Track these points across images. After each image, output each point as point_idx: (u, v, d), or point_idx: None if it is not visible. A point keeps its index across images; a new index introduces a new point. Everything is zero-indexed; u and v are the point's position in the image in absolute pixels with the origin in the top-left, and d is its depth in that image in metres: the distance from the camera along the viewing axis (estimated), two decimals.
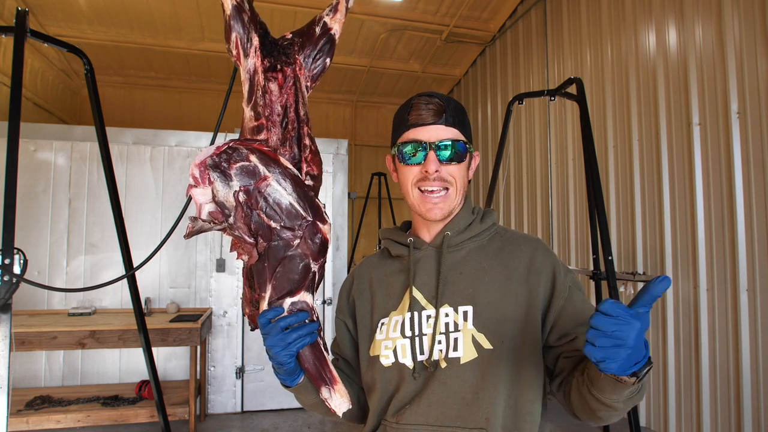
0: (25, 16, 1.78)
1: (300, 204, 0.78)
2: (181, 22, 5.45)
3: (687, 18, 3.22)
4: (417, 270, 0.92)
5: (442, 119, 0.88)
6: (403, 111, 0.93)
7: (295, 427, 3.79)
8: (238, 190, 0.75)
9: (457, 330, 0.85)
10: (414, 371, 0.85)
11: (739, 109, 2.88)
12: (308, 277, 0.79)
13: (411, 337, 0.87)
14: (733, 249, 2.90)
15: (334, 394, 0.80)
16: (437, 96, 0.90)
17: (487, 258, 0.92)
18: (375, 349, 0.91)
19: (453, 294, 0.88)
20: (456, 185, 0.89)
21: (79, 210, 3.98)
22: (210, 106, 7.43)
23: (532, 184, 5.14)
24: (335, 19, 0.96)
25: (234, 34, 0.87)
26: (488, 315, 0.85)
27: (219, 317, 4.06)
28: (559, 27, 4.66)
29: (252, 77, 0.87)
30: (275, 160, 0.78)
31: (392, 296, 0.93)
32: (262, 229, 0.76)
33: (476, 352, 0.83)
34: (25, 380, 3.79)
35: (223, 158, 0.75)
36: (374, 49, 6.12)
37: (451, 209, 0.91)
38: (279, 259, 0.77)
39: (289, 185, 0.78)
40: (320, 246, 0.79)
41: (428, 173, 0.87)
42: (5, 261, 1.56)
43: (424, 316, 0.87)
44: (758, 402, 2.75)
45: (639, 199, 3.64)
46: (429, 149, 0.87)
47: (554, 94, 3.03)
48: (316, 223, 0.79)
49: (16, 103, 1.70)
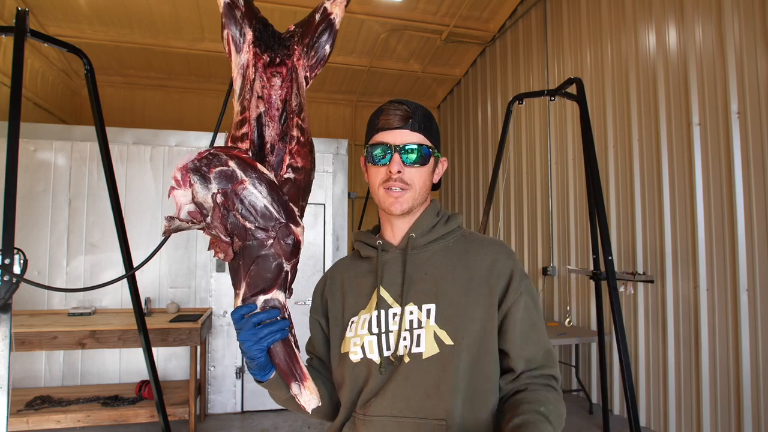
0: (25, 16, 1.79)
1: (274, 207, 0.82)
2: (181, 22, 5.46)
3: (687, 18, 3.22)
4: (385, 270, 0.98)
5: (408, 124, 0.94)
6: (374, 115, 0.99)
7: (295, 427, 3.79)
8: (216, 192, 0.80)
9: (420, 327, 0.91)
10: (380, 366, 0.91)
11: (739, 109, 2.88)
12: (281, 276, 0.83)
13: (378, 333, 0.93)
14: (733, 249, 2.90)
15: (304, 390, 0.84)
16: (406, 103, 0.96)
17: (451, 259, 0.97)
18: (345, 346, 0.96)
19: (417, 293, 0.93)
20: (416, 187, 0.95)
21: (79, 210, 3.98)
22: (210, 106, 7.43)
23: (532, 184, 5.14)
24: (336, 3, 0.95)
25: (226, 31, 0.88)
26: (450, 313, 0.91)
27: (219, 317, 4.06)
28: (559, 27, 4.66)
29: (244, 72, 0.88)
30: (252, 166, 0.83)
31: (361, 296, 0.99)
32: (237, 229, 0.81)
33: (438, 347, 0.89)
34: (25, 380, 3.79)
35: (204, 163, 0.81)
36: (374, 49, 6.12)
37: (411, 206, 0.96)
38: (253, 258, 0.81)
39: (264, 189, 0.82)
40: (293, 247, 0.84)
41: (391, 173, 0.93)
42: (5, 261, 1.56)
43: (390, 314, 0.93)
44: (758, 402, 2.75)
45: (639, 199, 3.64)
46: (394, 151, 0.93)
47: (554, 94, 3.03)
48: (289, 225, 0.83)
49: (16, 103, 1.70)
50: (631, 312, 3.69)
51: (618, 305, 2.70)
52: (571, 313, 4.37)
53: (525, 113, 5.22)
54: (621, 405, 3.76)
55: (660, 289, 3.44)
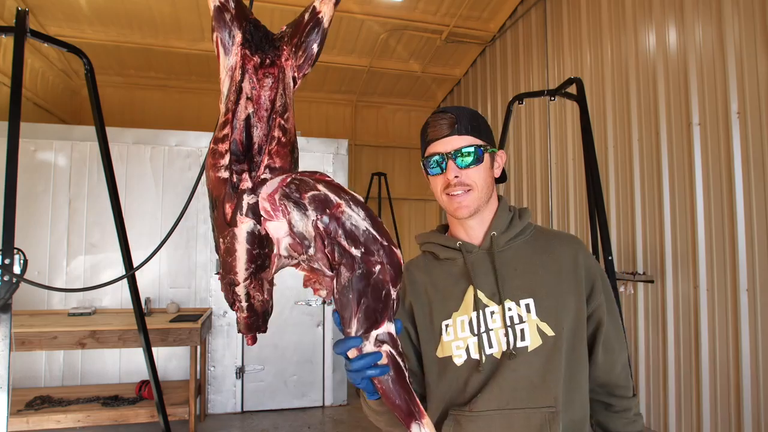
0: (25, 16, 1.79)
1: (375, 229, 0.75)
2: (181, 22, 5.45)
3: (687, 18, 3.22)
4: (474, 271, 0.99)
5: (454, 130, 0.98)
6: (423, 130, 1.04)
7: (295, 427, 3.79)
8: (315, 219, 0.72)
9: (521, 321, 0.94)
10: (483, 364, 0.94)
11: (739, 109, 2.88)
12: (390, 305, 0.75)
13: (479, 334, 0.95)
14: (733, 249, 2.90)
15: (424, 429, 0.75)
16: (449, 110, 1.00)
17: (536, 253, 1.01)
18: (444, 350, 0.98)
19: (512, 289, 0.97)
20: (477, 187, 0.98)
21: (79, 210, 3.98)
22: (210, 106, 7.42)
23: (532, 184, 5.14)
24: (325, 2, 0.94)
25: (215, 34, 0.88)
26: (548, 304, 0.95)
27: (219, 317, 4.06)
28: (559, 27, 4.66)
29: (232, 74, 0.87)
30: (341, 188, 0.76)
31: (450, 298, 1.00)
32: (344, 257, 0.72)
33: (541, 339, 0.93)
34: (25, 380, 3.79)
35: (293, 189, 0.73)
36: (374, 49, 6.12)
37: (477, 206, 0.99)
38: (362, 289, 0.73)
39: (361, 211, 0.74)
40: (398, 270, 0.76)
41: (450, 180, 0.97)
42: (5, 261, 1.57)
43: (488, 313, 0.96)
44: (758, 402, 2.75)
45: (639, 199, 3.64)
46: (447, 159, 0.97)
47: (554, 94, 3.03)
48: (392, 248, 0.76)
49: (16, 103, 1.70)
50: (631, 312, 3.69)
51: (618, 305, 2.70)
52: None
53: (525, 113, 5.22)
54: None
55: (660, 289, 3.44)
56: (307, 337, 4.24)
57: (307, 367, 4.24)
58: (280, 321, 4.15)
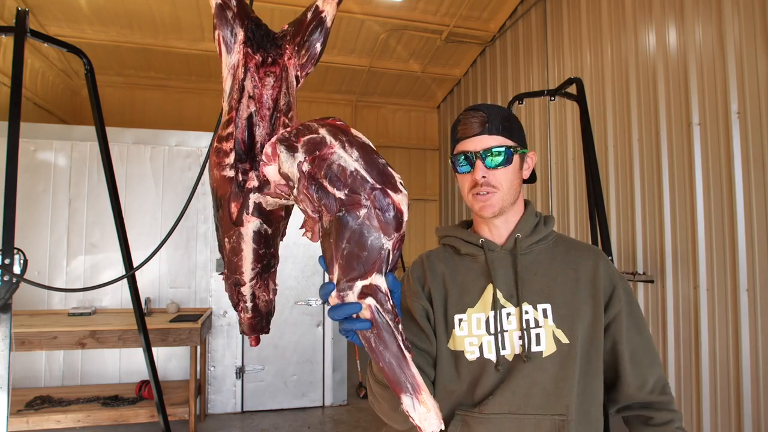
0: (25, 16, 1.78)
1: (366, 170, 0.69)
2: (181, 22, 5.45)
3: (687, 18, 3.22)
4: (494, 270, 0.98)
5: (485, 129, 0.96)
6: (453, 126, 1.02)
7: (295, 427, 3.79)
8: (302, 161, 0.71)
9: (538, 326, 0.93)
10: (497, 365, 0.92)
11: (739, 109, 2.88)
12: (380, 256, 0.67)
13: (495, 333, 0.94)
14: (733, 249, 2.90)
15: (418, 405, 0.66)
16: (481, 108, 0.98)
17: (557, 260, 1.01)
18: (456, 344, 0.96)
19: (531, 293, 0.96)
20: (503, 188, 0.97)
21: (79, 210, 3.98)
22: (210, 106, 7.42)
23: (532, 184, 5.14)
24: (327, 1, 0.94)
25: (217, 32, 0.87)
26: (564, 312, 0.94)
27: (219, 317, 4.06)
28: (559, 27, 4.66)
29: (234, 72, 0.87)
30: (345, 130, 0.73)
31: (467, 293, 0.98)
32: (325, 198, 0.69)
33: (555, 346, 0.92)
34: (25, 380, 3.79)
35: (293, 134, 0.73)
36: (374, 49, 6.12)
37: (502, 207, 0.98)
38: (346, 233, 0.67)
39: (355, 152, 0.70)
40: (393, 218, 0.68)
41: (477, 180, 0.96)
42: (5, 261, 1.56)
43: (503, 314, 0.95)
44: (758, 402, 2.75)
45: (639, 199, 3.64)
46: (476, 158, 0.96)
47: (554, 94, 3.03)
48: (386, 190, 0.68)
49: (16, 103, 1.70)
50: None
51: None
52: None
53: (525, 113, 5.22)
54: None
55: (660, 289, 3.44)
56: (307, 337, 4.24)
57: (307, 367, 4.24)
58: (280, 321, 4.15)
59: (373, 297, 0.67)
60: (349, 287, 0.67)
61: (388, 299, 0.68)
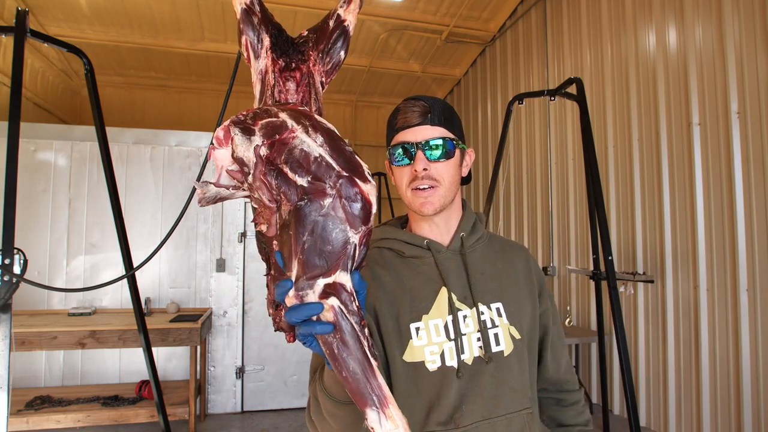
0: (25, 16, 1.78)
1: (332, 157, 0.64)
2: (181, 22, 5.45)
3: (687, 18, 3.22)
4: (445, 272, 0.94)
5: (427, 119, 0.91)
6: (392, 116, 0.97)
7: (295, 427, 3.79)
8: (259, 144, 0.64)
9: (494, 326, 0.92)
10: (458, 371, 0.88)
11: (739, 109, 2.88)
12: (346, 250, 0.61)
13: (456, 338, 0.90)
14: (733, 249, 2.90)
15: (385, 420, 0.58)
16: (423, 98, 0.94)
17: (497, 257, 1.00)
18: (415, 355, 0.89)
19: (483, 293, 0.94)
20: (445, 182, 0.92)
21: (79, 210, 3.98)
22: (210, 106, 7.43)
23: (532, 184, 5.14)
24: (349, 11, 0.94)
25: (244, 37, 0.87)
26: (513, 309, 0.95)
27: (219, 317, 4.06)
28: (559, 27, 4.66)
29: (263, 78, 0.87)
30: (308, 115, 0.68)
31: (419, 299, 0.92)
32: (285, 185, 0.62)
33: (513, 343, 0.92)
34: (25, 380, 3.79)
35: (249, 116, 0.66)
36: (374, 49, 6.12)
37: (443, 204, 0.93)
38: (306, 224, 0.61)
39: (320, 137, 0.64)
40: (361, 210, 0.62)
41: (417, 172, 0.90)
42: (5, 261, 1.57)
43: (460, 317, 0.91)
44: (758, 402, 2.75)
45: (639, 199, 3.64)
46: (417, 149, 0.91)
47: (554, 94, 3.03)
48: (354, 179, 0.63)
49: (16, 103, 1.70)
50: (631, 312, 3.69)
51: (618, 305, 2.70)
52: (571, 313, 4.37)
53: (525, 113, 5.22)
54: (621, 405, 3.76)
55: (660, 289, 3.44)
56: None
57: (307, 367, 4.24)
58: None
59: (337, 297, 0.60)
60: (310, 286, 0.60)
61: (353, 300, 0.61)
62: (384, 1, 5.06)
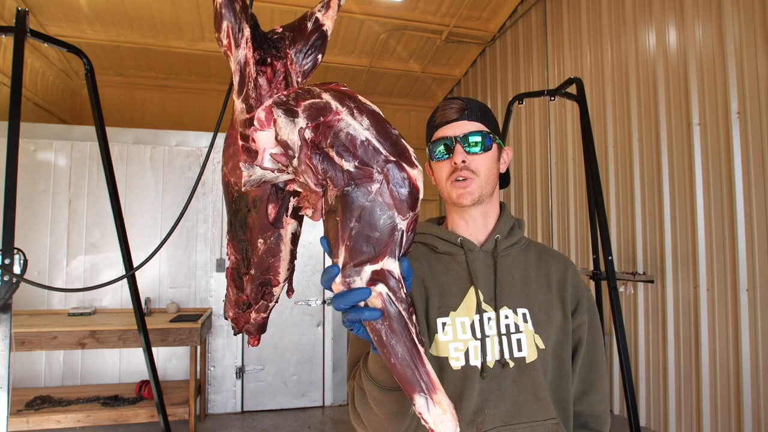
0: (25, 16, 1.78)
1: (379, 140, 0.62)
2: (181, 22, 5.45)
3: (687, 18, 3.22)
4: (475, 271, 0.95)
5: (464, 115, 0.95)
6: (431, 116, 1.00)
7: (295, 427, 3.79)
8: (304, 127, 0.62)
9: (518, 331, 0.91)
10: (482, 372, 0.88)
11: (739, 109, 2.88)
12: (393, 238, 0.60)
13: (482, 338, 0.90)
14: (733, 249, 2.90)
15: (433, 406, 0.57)
16: (459, 98, 0.98)
17: (531, 264, 0.99)
18: (440, 350, 0.90)
19: (510, 297, 0.93)
20: (482, 174, 0.94)
21: (79, 210, 3.98)
22: (210, 106, 7.43)
23: (532, 184, 5.14)
24: (327, 16, 0.94)
25: (225, 23, 0.85)
26: (540, 317, 0.93)
27: (219, 317, 4.06)
28: (559, 27, 4.66)
29: (243, 68, 0.86)
30: (352, 96, 0.66)
31: (449, 295, 0.94)
32: (332, 170, 0.60)
33: (536, 351, 0.90)
34: (25, 380, 3.79)
35: (292, 97, 0.64)
36: (374, 49, 6.12)
37: (480, 195, 0.95)
38: (353, 210, 0.59)
39: (365, 120, 0.63)
40: (408, 195, 0.61)
41: (456, 164, 0.93)
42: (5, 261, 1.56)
43: (485, 318, 0.91)
44: (758, 402, 2.75)
45: (639, 199, 3.64)
46: (455, 143, 0.94)
47: (554, 94, 3.03)
48: (401, 163, 0.61)
49: (16, 103, 1.70)
50: (631, 312, 3.69)
51: (618, 305, 2.70)
52: None
53: (525, 113, 5.22)
54: (621, 405, 3.76)
55: (660, 289, 3.44)
56: (307, 337, 4.24)
57: (307, 367, 4.24)
58: (280, 321, 4.15)
59: (385, 284, 0.59)
60: (357, 272, 0.59)
61: (401, 287, 0.60)
62: (384, 1, 5.06)
